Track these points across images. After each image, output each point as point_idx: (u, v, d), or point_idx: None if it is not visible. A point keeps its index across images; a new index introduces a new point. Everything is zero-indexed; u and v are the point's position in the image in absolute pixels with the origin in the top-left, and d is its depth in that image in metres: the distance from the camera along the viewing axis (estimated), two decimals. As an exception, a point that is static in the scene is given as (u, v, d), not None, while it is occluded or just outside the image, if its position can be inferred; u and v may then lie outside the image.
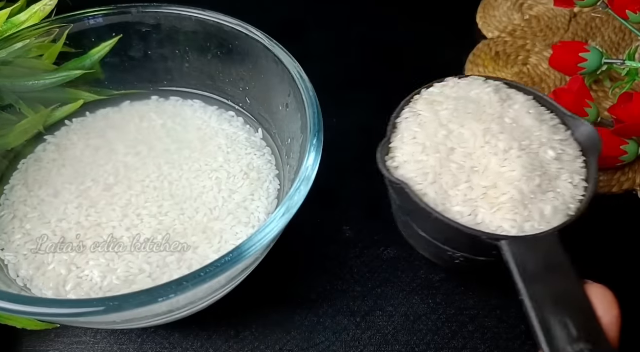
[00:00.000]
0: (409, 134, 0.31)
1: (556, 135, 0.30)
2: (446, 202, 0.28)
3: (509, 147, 0.29)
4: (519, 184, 0.28)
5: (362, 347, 0.32)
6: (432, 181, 0.29)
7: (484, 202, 0.28)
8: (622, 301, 0.33)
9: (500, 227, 0.27)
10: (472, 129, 0.30)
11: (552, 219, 0.27)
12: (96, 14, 0.35)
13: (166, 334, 0.32)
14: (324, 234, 0.36)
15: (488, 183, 0.28)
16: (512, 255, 0.26)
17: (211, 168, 0.34)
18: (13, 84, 0.34)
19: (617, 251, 0.36)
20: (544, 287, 0.25)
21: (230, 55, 0.36)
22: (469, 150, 0.29)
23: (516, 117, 0.31)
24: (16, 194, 0.33)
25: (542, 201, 0.28)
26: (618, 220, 0.37)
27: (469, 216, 0.28)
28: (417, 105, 0.32)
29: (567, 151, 0.30)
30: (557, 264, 0.25)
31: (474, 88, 0.32)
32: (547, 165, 0.29)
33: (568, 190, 0.28)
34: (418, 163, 0.29)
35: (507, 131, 0.30)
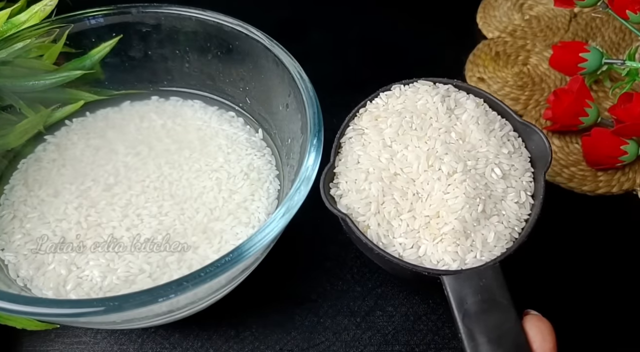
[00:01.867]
0: (353, 158, 0.30)
1: (504, 148, 0.30)
2: (389, 233, 0.28)
3: (453, 170, 0.28)
4: (462, 212, 0.27)
5: (362, 347, 0.32)
6: (374, 212, 0.28)
7: (426, 232, 0.28)
8: (620, 302, 0.34)
9: (442, 260, 0.27)
10: (415, 151, 0.29)
11: (495, 246, 0.27)
12: (96, 14, 0.35)
13: (166, 334, 0.32)
14: (324, 234, 0.36)
15: (431, 212, 0.28)
16: (451, 290, 0.26)
17: (211, 168, 0.34)
18: (13, 84, 0.34)
19: (617, 251, 0.36)
20: (481, 324, 0.25)
21: (230, 55, 0.36)
22: (412, 175, 0.29)
23: (463, 130, 0.30)
24: (16, 193, 0.33)
25: (485, 227, 0.27)
26: (618, 220, 0.37)
27: (410, 249, 0.27)
28: (362, 122, 0.31)
29: (514, 166, 0.29)
30: (495, 298, 0.25)
31: (421, 96, 0.31)
32: (493, 185, 0.29)
33: (513, 211, 0.28)
34: (361, 192, 0.29)
35: (451, 151, 0.29)
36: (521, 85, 0.44)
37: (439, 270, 0.27)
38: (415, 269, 0.27)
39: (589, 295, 0.34)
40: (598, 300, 0.33)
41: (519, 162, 0.30)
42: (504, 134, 0.31)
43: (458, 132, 0.30)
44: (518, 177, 0.29)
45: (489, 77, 0.45)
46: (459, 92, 0.32)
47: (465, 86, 0.32)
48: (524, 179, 0.29)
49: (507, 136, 0.31)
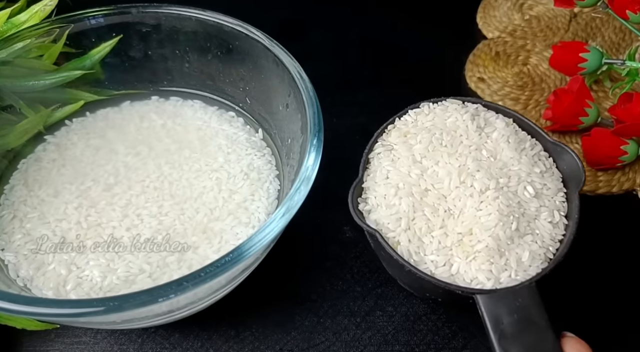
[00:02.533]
0: (382, 173, 0.29)
1: (536, 168, 0.29)
2: (420, 250, 0.27)
3: (485, 187, 0.28)
4: (495, 229, 0.27)
5: (362, 347, 0.32)
6: (405, 228, 0.28)
7: (458, 250, 0.27)
8: (620, 302, 0.34)
9: (476, 279, 0.26)
10: (446, 167, 0.29)
11: (530, 266, 0.27)
12: (96, 14, 0.35)
13: (166, 334, 0.32)
14: (324, 234, 0.36)
15: (463, 229, 0.27)
16: (486, 310, 0.25)
17: (211, 168, 0.34)
18: (13, 84, 0.34)
19: (617, 251, 0.36)
20: (517, 344, 0.24)
21: (230, 55, 0.36)
22: (444, 191, 0.28)
23: (494, 148, 0.30)
24: (16, 193, 0.33)
25: (519, 246, 0.27)
26: (618, 220, 0.37)
27: (443, 266, 0.27)
28: (390, 138, 0.31)
29: (547, 185, 0.29)
30: (532, 319, 0.25)
31: (450, 114, 0.31)
32: (526, 203, 0.28)
33: (547, 231, 0.28)
34: (391, 207, 0.28)
35: (483, 168, 0.29)
36: (521, 85, 0.44)
37: (473, 289, 0.26)
38: (449, 287, 0.26)
39: (587, 297, 0.34)
40: (596, 301, 0.33)
41: (551, 181, 0.29)
42: (535, 153, 0.30)
43: (489, 150, 0.30)
44: (551, 196, 0.29)
45: (489, 77, 0.45)
46: (487, 111, 0.32)
47: (494, 106, 0.32)
48: (557, 198, 0.29)
49: (538, 156, 0.30)
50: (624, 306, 0.33)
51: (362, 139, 0.36)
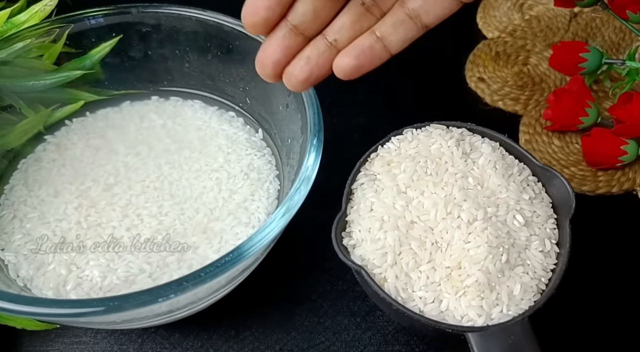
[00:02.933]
0: (366, 205, 0.28)
1: (525, 194, 0.28)
2: (407, 286, 0.26)
3: (473, 217, 0.27)
4: (485, 263, 0.26)
5: (362, 347, 0.32)
6: (391, 263, 0.26)
7: (447, 285, 0.26)
8: (620, 303, 0.33)
9: (466, 315, 0.25)
10: (432, 197, 0.28)
11: (522, 300, 0.26)
12: (96, 14, 0.35)
13: (166, 334, 0.32)
14: (324, 234, 0.36)
15: (452, 263, 0.26)
16: (478, 348, 0.24)
17: (211, 168, 0.34)
18: (13, 84, 0.34)
19: (617, 251, 0.36)
20: None
21: (230, 55, 0.36)
22: (430, 223, 0.27)
23: (481, 175, 0.29)
24: (16, 193, 0.33)
25: (510, 279, 0.26)
26: (618, 220, 0.37)
27: (432, 303, 0.26)
28: (373, 167, 0.30)
29: (537, 212, 0.28)
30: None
31: (434, 140, 0.30)
32: (515, 233, 0.27)
33: (538, 260, 0.27)
34: (376, 242, 0.27)
35: (470, 197, 0.27)
36: (521, 85, 0.44)
37: (464, 326, 0.25)
38: (438, 326, 0.25)
39: (587, 297, 0.34)
40: (596, 301, 0.33)
41: (541, 208, 0.28)
42: (523, 179, 0.29)
43: (475, 177, 0.29)
44: (541, 224, 0.28)
45: (489, 77, 0.45)
46: (473, 135, 0.31)
47: (480, 130, 0.31)
48: (547, 226, 0.28)
49: (527, 181, 0.29)
50: (621, 306, 0.33)
51: (362, 139, 0.36)
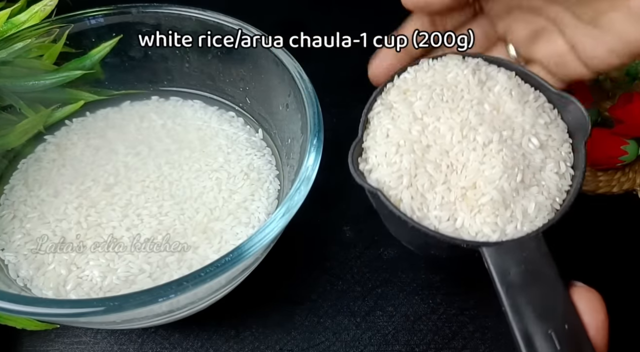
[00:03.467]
0: (382, 132, 0.29)
1: (540, 119, 0.28)
2: (423, 207, 0.26)
3: (489, 140, 0.27)
4: (500, 182, 0.26)
5: (362, 347, 0.32)
6: (407, 185, 0.27)
7: (462, 204, 0.26)
8: (620, 303, 0.33)
9: (481, 232, 0.26)
10: (448, 122, 0.28)
11: (536, 217, 0.26)
12: (96, 14, 0.35)
13: (166, 334, 0.32)
14: (324, 234, 0.36)
15: (467, 183, 0.27)
16: (492, 262, 0.25)
17: (211, 168, 0.34)
18: (13, 84, 0.34)
19: (617, 251, 0.36)
20: (527, 296, 0.24)
21: (230, 55, 0.36)
22: (446, 146, 0.27)
23: (496, 101, 0.29)
24: (16, 193, 0.33)
25: (525, 198, 0.26)
26: (618, 220, 0.37)
27: (447, 221, 0.26)
28: (389, 96, 0.30)
29: (552, 136, 0.28)
30: (540, 270, 0.24)
31: (450, 70, 0.30)
32: (531, 155, 0.27)
33: (553, 181, 0.27)
34: (392, 165, 0.27)
35: (486, 121, 0.28)
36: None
37: (479, 242, 0.25)
38: (453, 242, 0.25)
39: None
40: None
41: (557, 132, 0.28)
42: (539, 105, 0.29)
43: (491, 104, 0.29)
44: (556, 147, 0.28)
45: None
46: (489, 65, 0.31)
47: (495, 59, 0.31)
48: (563, 149, 0.28)
49: (543, 107, 0.29)
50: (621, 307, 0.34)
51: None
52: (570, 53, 0.29)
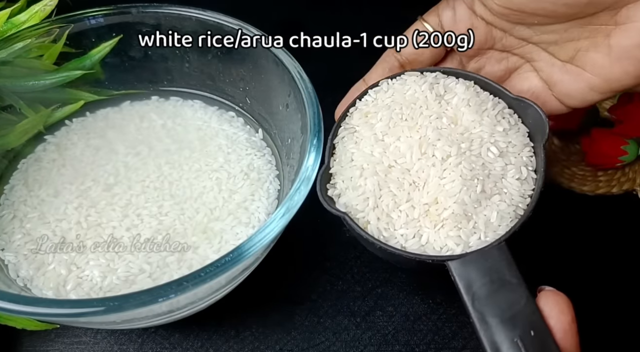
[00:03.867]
0: (347, 156, 0.29)
1: (499, 126, 0.29)
2: (389, 226, 0.27)
3: (447, 154, 0.28)
4: (460, 195, 0.26)
5: (362, 347, 0.32)
6: (373, 207, 0.28)
7: (426, 220, 0.27)
8: (621, 300, 0.34)
9: (446, 246, 0.26)
10: (407, 141, 0.29)
11: (499, 226, 0.26)
12: (96, 14, 0.35)
13: (166, 334, 0.32)
14: (324, 234, 0.36)
15: (429, 199, 0.27)
16: (458, 276, 0.25)
17: (211, 168, 0.34)
18: (13, 84, 0.34)
19: (616, 252, 0.36)
20: (492, 306, 0.24)
21: (230, 55, 0.36)
22: (407, 165, 0.28)
23: (454, 114, 0.29)
24: (16, 193, 0.33)
25: (487, 208, 0.27)
26: (618, 220, 0.37)
27: (413, 238, 0.27)
28: (352, 120, 0.31)
29: (512, 142, 0.28)
30: (504, 278, 0.25)
31: (409, 87, 0.31)
32: (491, 164, 0.28)
33: (515, 188, 0.27)
34: (357, 189, 0.28)
35: (444, 136, 0.28)
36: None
37: (443, 256, 0.26)
38: (419, 258, 0.26)
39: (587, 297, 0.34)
40: (596, 302, 0.33)
41: (517, 138, 0.29)
42: (497, 112, 0.29)
43: (449, 117, 0.29)
44: (517, 153, 0.28)
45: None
46: (447, 78, 0.31)
47: (454, 71, 0.32)
48: (524, 154, 0.28)
49: (502, 114, 0.30)
50: (621, 307, 0.34)
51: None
52: (546, 91, 0.31)
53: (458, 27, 0.31)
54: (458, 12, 0.31)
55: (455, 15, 0.31)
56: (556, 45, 0.29)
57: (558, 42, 0.29)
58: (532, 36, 0.30)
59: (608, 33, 0.27)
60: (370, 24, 0.50)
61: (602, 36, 0.27)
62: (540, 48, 0.30)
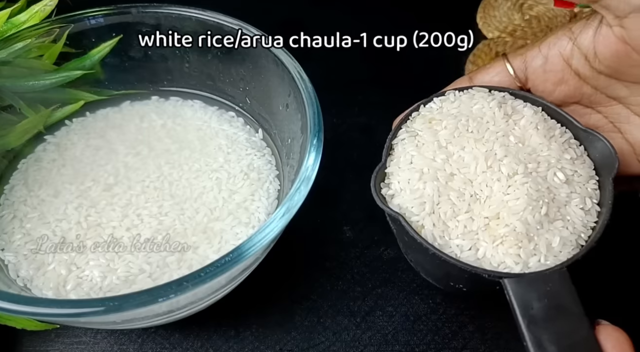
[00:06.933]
0: (406, 158, 0.29)
1: (566, 154, 0.28)
2: (445, 234, 0.26)
3: (513, 171, 0.27)
4: (524, 214, 0.26)
5: (362, 347, 0.32)
6: (429, 212, 0.27)
7: (485, 234, 0.26)
8: (622, 300, 0.33)
9: (503, 263, 0.25)
10: (473, 152, 0.28)
11: (561, 252, 0.26)
12: (96, 14, 0.35)
13: (166, 334, 0.32)
14: (324, 234, 0.36)
15: (490, 213, 0.26)
16: (514, 294, 0.24)
17: (211, 168, 0.34)
18: (13, 84, 0.34)
19: (616, 251, 0.36)
20: (549, 331, 0.23)
21: (230, 55, 0.36)
22: (470, 176, 0.28)
23: (522, 134, 0.29)
24: (16, 193, 0.33)
25: (549, 232, 0.26)
26: (618, 220, 0.37)
27: (469, 250, 0.26)
28: (415, 124, 0.30)
29: (578, 171, 0.28)
30: (564, 304, 0.24)
31: (476, 102, 0.30)
32: (556, 189, 0.27)
33: (579, 217, 0.27)
34: (415, 192, 0.27)
35: (511, 153, 0.28)
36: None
37: (501, 272, 0.25)
38: (475, 271, 0.25)
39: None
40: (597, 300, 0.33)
41: (583, 168, 0.28)
42: (565, 141, 0.29)
43: (517, 136, 0.29)
44: (582, 183, 0.28)
45: (489, 77, 0.45)
46: (515, 99, 0.31)
47: (522, 94, 0.31)
48: (589, 186, 0.28)
49: (569, 143, 0.29)
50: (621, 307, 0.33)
51: (362, 139, 0.36)
52: (628, 151, 0.29)
53: (545, 78, 0.30)
54: (550, 62, 0.29)
55: (545, 65, 0.30)
56: None
57: None
58: (628, 97, 0.28)
59: None
60: (370, 24, 0.50)
61: None
62: (632, 111, 0.29)
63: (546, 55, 0.30)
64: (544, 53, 0.30)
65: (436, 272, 0.29)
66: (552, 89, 0.30)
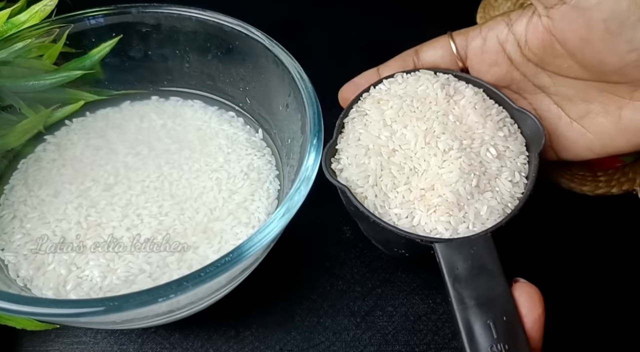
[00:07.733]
0: (354, 135, 0.31)
1: (500, 132, 0.31)
2: (385, 204, 0.29)
3: (449, 147, 0.29)
4: (455, 185, 0.28)
5: (362, 347, 0.32)
6: (372, 184, 0.29)
7: (420, 204, 0.29)
8: (622, 300, 0.34)
9: (435, 229, 0.28)
10: (414, 130, 0.30)
11: (488, 219, 0.28)
12: (96, 14, 0.35)
13: (166, 334, 0.32)
14: (324, 234, 0.36)
15: (426, 185, 0.29)
16: (443, 257, 0.27)
17: (211, 168, 0.34)
18: (13, 84, 0.34)
19: (617, 251, 0.36)
20: (470, 288, 0.26)
21: (230, 55, 0.36)
22: (410, 151, 0.30)
23: (461, 114, 0.31)
24: (16, 193, 0.33)
25: (478, 201, 0.28)
26: (617, 220, 0.37)
27: (405, 218, 0.28)
28: (364, 104, 0.32)
29: (510, 148, 0.30)
30: (485, 266, 0.26)
31: (422, 83, 0.33)
32: (487, 163, 0.30)
33: (507, 188, 0.29)
34: (360, 166, 0.30)
35: (448, 131, 0.30)
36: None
37: (432, 238, 0.28)
38: (409, 236, 0.27)
39: (584, 296, 0.34)
40: (597, 300, 0.34)
41: (514, 144, 0.31)
42: (500, 119, 0.31)
43: (455, 115, 0.31)
44: (513, 158, 0.30)
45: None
46: (458, 81, 0.33)
47: (465, 76, 0.33)
48: (519, 160, 0.30)
49: (504, 121, 0.31)
50: (621, 307, 0.34)
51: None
52: None
53: (481, 59, 0.32)
54: (488, 44, 0.32)
55: (483, 46, 0.32)
56: (569, 102, 0.30)
57: (572, 98, 0.30)
58: (550, 87, 0.31)
59: (621, 105, 0.28)
60: (370, 24, 0.50)
61: (615, 106, 0.28)
62: (552, 101, 0.31)
63: (485, 37, 0.32)
64: (483, 35, 0.32)
65: (380, 239, 0.32)
66: (487, 70, 0.32)
